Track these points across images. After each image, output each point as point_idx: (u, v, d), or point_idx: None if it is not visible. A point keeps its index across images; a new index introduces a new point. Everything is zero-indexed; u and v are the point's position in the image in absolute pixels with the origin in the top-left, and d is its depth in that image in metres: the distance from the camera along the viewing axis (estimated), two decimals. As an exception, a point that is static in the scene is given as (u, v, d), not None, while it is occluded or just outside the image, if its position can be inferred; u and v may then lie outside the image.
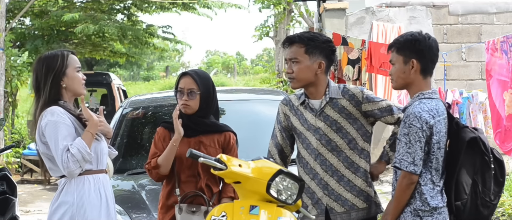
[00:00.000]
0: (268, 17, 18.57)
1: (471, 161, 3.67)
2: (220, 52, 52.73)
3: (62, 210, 3.82)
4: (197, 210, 4.15)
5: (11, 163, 15.49)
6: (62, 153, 3.73)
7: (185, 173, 4.21)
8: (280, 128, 4.13)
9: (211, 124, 4.26)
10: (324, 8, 11.59)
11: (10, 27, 15.72)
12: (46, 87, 3.87)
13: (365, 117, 3.97)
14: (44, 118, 3.82)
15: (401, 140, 3.64)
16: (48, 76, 3.87)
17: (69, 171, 3.75)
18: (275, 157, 4.14)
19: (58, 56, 3.92)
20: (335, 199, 3.95)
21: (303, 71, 3.95)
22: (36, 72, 3.92)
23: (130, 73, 44.49)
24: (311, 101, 4.01)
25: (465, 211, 3.66)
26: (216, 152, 4.15)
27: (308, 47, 3.96)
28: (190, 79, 4.22)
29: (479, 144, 3.67)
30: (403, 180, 3.63)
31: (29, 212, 10.93)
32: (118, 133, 6.14)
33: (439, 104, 3.68)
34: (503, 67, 8.10)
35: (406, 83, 3.76)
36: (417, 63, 3.72)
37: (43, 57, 3.96)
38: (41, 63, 3.92)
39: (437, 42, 3.82)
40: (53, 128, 3.77)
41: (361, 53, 9.47)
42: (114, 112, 7.67)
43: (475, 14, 11.87)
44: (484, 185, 3.67)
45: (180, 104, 4.22)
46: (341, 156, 3.95)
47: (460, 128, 3.73)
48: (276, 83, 19.93)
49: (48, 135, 3.78)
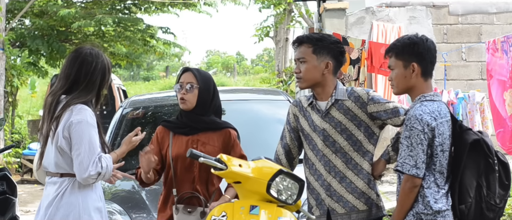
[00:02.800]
0: (267, 17, 18.55)
1: (474, 163, 3.63)
2: (220, 52, 52.75)
3: (64, 211, 3.79)
4: (193, 210, 4.15)
5: (11, 163, 15.50)
6: (95, 159, 3.72)
7: (182, 173, 4.21)
8: (289, 129, 4.13)
9: (210, 121, 4.25)
10: (324, 8, 11.59)
11: (10, 27, 15.73)
12: (88, 86, 3.83)
13: (371, 119, 3.95)
14: (76, 113, 3.76)
15: (403, 143, 3.61)
16: (96, 76, 3.85)
17: (88, 178, 3.72)
18: (281, 158, 4.13)
19: (106, 64, 3.89)
20: (337, 200, 3.95)
21: (310, 71, 3.96)
22: (80, 66, 3.83)
23: (130, 73, 44.51)
24: (318, 102, 4.01)
25: (469, 214, 3.62)
26: (214, 149, 4.15)
27: (316, 47, 3.97)
28: (190, 74, 4.25)
29: (483, 146, 3.63)
30: (406, 183, 3.61)
31: (29, 212, 10.93)
32: (118, 133, 6.15)
33: (441, 106, 3.66)
34: (503, 67, 8.11)
35: (407, 88, 3.74)
36: (418, 66, 3.70)
37: (96, 54, 3.88)
38: (90, 60, 3.84)
39: (434, 43, 3.80)
40: (86, 129, 3.74)
41: (361, 53, 9.48)
42: (114, 111, 7.67)
43: (475, 14, 11.87)
44: (488, 188, 3.62)
45: (179, 99, 4.24)
46: (345, 158, 3.94)
47: (463, 130, 3.70)
48: (276, 83, 19.94)
49: (79, 133, 3.72)
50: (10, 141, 16.77)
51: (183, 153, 4.16)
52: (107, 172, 3.77)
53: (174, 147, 4.22)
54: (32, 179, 14.76)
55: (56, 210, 3.80)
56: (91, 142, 3.72)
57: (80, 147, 3.72)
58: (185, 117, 4.25)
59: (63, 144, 3.77)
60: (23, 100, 23.77)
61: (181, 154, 4.17)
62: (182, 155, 4.16)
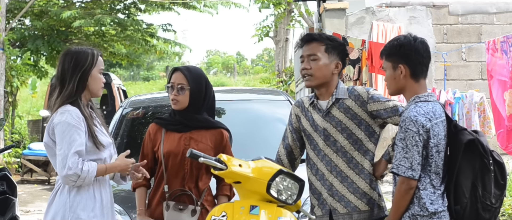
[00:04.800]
0: (267, 16, 18.55)
1: (470, 163, 3.61)
2: (220, 52, 52.73)
3: (55, 209, 3.82)
4: (184, 207, 4.16)
5: (11, 163, 15.49)
6: (74, 160, 3.72)
7: (173, 170, 4.22)
8: (291, 129, 4.13)
9: (203, 119, 4.26)
10: (324, 8, 11.59)
11: (10, 27, 15.73)
12: (72, 83, 3.85)
13: (372, 117, 3.95)
14: (59, 114, 3.80)
15: (398, 145, 3.60)
16: (76, 71, 3.86)
17: (66, 177, 3.74)
18: (283, 158, 4.12)
19: (88, 54, 3.90)
20: (339, 200, 3.94)
21: (322, 69, 3.94)
22: (63, 65, 3.89)
23: (130, 73, 44.51)
24: (319, 102, 4.01)
25: (465, 215, 3.60)
26: (206, 148, 4.17)
27: (328, 46, 3.97)
28: (180, 75, 4.25)
29: (478, 146, 3.61)
30: (401, 185, 3.60)
31: (29, 212, 10.93)
32: (118, 133, 6.15)
33: (436, 107, 3.64)
34: (503, 68, 8.10)
35: (398, 89, 3.73)
36: (405, 67, 3.68)
37: (74, 51, 3.93)
38: (70, 57, 3.89)
39: (425, 43, 3.75)
40: (65, 129, 3.75)
41: (362, 53, 9.48)
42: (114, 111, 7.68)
43: (475, 14, 11.86)
44: (484, 188, 3.60)
45: (170, 99, 4.25)
46: (346, 157, 3.94)
47: (458, 130, 3.67)
48: (276, 83, 19.95)
49: (58, 133, 3.77)
50: (10, 141, 16.76)
51: (175, 149, 4.19)
52: (88, 177, 3.74)
53: (166, 144, 4.23)
54: (32, 179, 14.75)
55: (49, 207, 3.87)
56: (70, 142, 3.73)
57: (60, 148, 3.76)
58: (178, 114, 4.27)
59: (50, 143, 3.84)
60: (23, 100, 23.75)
61: (173, 151, 4.20)
62: (174, 152, 4.19)
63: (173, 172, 4.22)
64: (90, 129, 3.84)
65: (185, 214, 4.15)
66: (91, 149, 3.83)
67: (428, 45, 3.76)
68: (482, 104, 8.73)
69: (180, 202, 4.18)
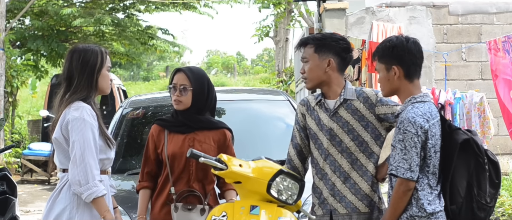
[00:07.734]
0: (267, 16, 18.55)
1: (465, 163, 3.61)
2: (221, 52, 52.73)
3: (62, 205, 3.81)
4: (193, 207, 4.15)
5: (11, 163, 15.50)
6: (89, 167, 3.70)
7: (179, 171, 4.20)
8: (299, 128, 4.12)
9: (206, 120, 4.25)
10: (324, 8, 11.59)
11: (10, 27, 15.73)
12: (80, 81, 3.84)
13: (379, 120, 3.94)
14: (74, 110, 3.77)
15: (396, 147, 3.59)
16: (85, 70, 3.85)
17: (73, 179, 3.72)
18: (293, 158, 4.10)
19: (97, 52, 3.89)
20: (339, 200, 3.94)
21: (313, 70, 3.96)
22: (71, 62, 3.88)
23: (130, 73, 44.50)
24: (327, 101, 4.01)
25: (460, 214, 3.60)
26: (210, 148, 4.16)
27: (317, 46, 3.98)
28: (183, 76, 4.24)
29: (473, 146, 3.61)
30: (399, 187, 3.59)
31: (29, 212, 10.94)
32: (118, 133, 6.15)
33: (431, 107, 3.64)
34: (507, 67, 8.13)
35: (392, 90, 3.73)
36: (398, 68, 3.67)
37: (81, 49, 3.91)
38: (78, 54, 3.87)
39: (418, 43, 3.74)
40: (82, 126, 3.73)
41: (362, 53, 9.48)
42: (114, 111, 7.67)
43: (475, 14, 11.86)
44: (479, 188, 3.60)
45: (173, 100, 4.24)
46: (351, 158, 3.93)
47: (453, 130, 3.67)
48: (276, 83, 19.95)
49: (75, 130, 3.73)
50: (10, 141, 16.77)
51: (180, 151, 4.17)
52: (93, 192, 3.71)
53: (169, 145, 4.22)
54: (32, 179, 14.76)
55: (54, 204, 3.84)
56: (86, 140, 3.72)
57: (74, 148, 3.73)
58: (180, 115, 4.25)
59: (61, 139, 3.80)
60: (23, 100, 23.76)
61: (178, 153, 4.17)
62: (179, 153, 4.17)
63: (178, 173, 4.20)
64: (101, 126, 3.84)
65: (195, 213, 4.14)
66: (102, 148, 3.83)
67: (420, 46, 3.76)
68: (482, 105, 8.73)
69: (187, 202, 4.18)
